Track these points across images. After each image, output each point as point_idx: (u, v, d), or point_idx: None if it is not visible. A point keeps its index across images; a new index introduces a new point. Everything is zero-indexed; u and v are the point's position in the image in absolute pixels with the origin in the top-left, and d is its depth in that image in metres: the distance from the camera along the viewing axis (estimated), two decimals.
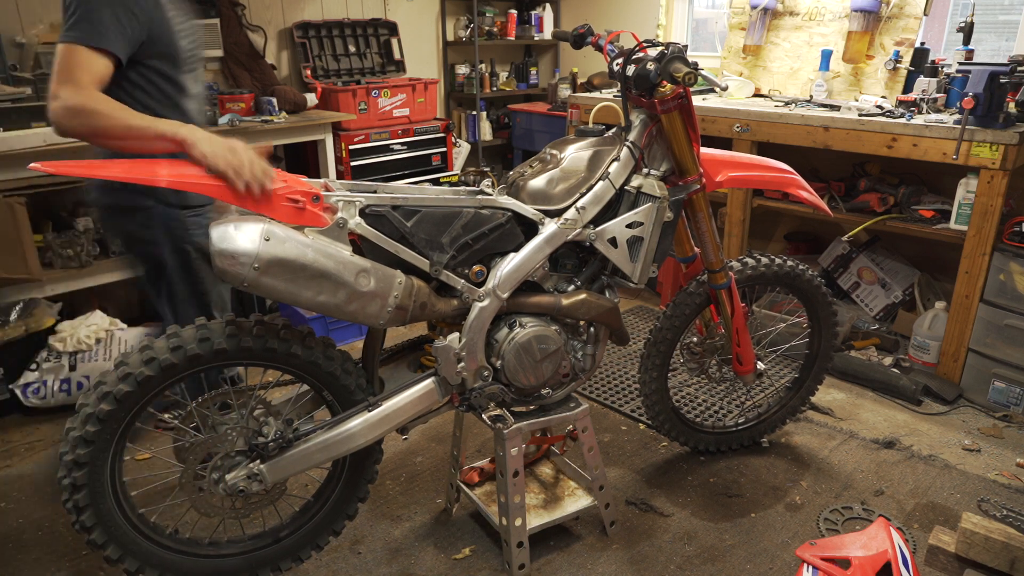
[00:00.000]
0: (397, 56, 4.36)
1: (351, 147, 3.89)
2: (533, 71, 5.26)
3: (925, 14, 3.17)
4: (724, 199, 3.50)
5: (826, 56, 3.35)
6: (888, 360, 3.13)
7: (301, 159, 4.00)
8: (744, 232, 3.48)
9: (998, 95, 2.61)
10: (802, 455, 2.55)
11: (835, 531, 2.17)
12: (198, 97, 1.97)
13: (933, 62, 3.04)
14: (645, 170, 1.97)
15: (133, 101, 1.77)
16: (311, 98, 3.77)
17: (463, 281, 1.78)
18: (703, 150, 2.08)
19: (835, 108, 3.11)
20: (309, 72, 4.00)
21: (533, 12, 5.01)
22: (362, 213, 1.66)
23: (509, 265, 1.81)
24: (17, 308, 2.82)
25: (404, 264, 1.71)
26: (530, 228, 1.86)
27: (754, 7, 3.63)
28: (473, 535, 2.16)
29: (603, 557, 2.07)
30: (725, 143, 3.34)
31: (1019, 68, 2.62)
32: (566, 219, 1.85)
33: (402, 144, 4.12)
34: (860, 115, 2.96)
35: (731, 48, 3.77)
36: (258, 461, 1.71)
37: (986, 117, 2.63)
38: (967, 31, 2.91)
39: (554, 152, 1.95)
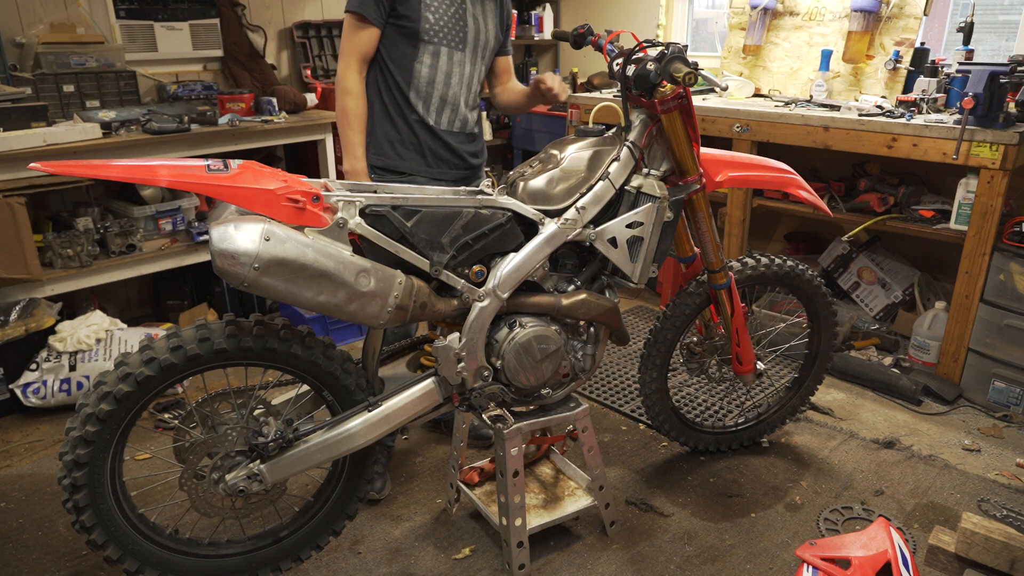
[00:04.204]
0: None
1: None
2: (533, 71, 5.26)
3: (925, 14, 3.17)
4: (724, 199, 3.50)
5: (826, 56, 3.35)
6: (888, 360, 3.12)
7: (301, 159, 3.99)
8: (744, 232, 3.48)
9: (998, 95, 2.61)
10: (802, 455, 2.55)
11: (835, 531, 2.17)
12: (456, 75, 2.21)
13: (933, 62, 3.04)
14: (645, 170, 1.97)
15: (375, 63, 2.18)
16: (311, 98, 3.77)
17: (463, 281, 1.78)
18: (703, 150, 2.08)
19: (835, 108, 3.11)
20: (309, 72, 4.00)
21: (533, 12, 5.01)
22: (362, 213, 1.66)
23: (509, 265, 1.81)
24: (17, 308, 2.82)
25: (404, 264, 1.71)
26: (530, 228, 1.86)
27: (754, 7, 3.63)
28: (473, 535, 2.16)
29: (603, 557, 2.07)
30: (725, 143, 3.34)
31: (1019, 68, 2.62)
32: (566, 219, 1.85)
33: None
34: (860, 115, 2.96)
35: (731, 48, 3.77)
36: (258, 461, 1.71)
37: (986, 117, 2.63)
38: (967, 31, 2.91)
39: (554, 152, 1.95)
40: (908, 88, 3.17)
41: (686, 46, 1.87)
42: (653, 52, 1.89)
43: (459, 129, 2.27)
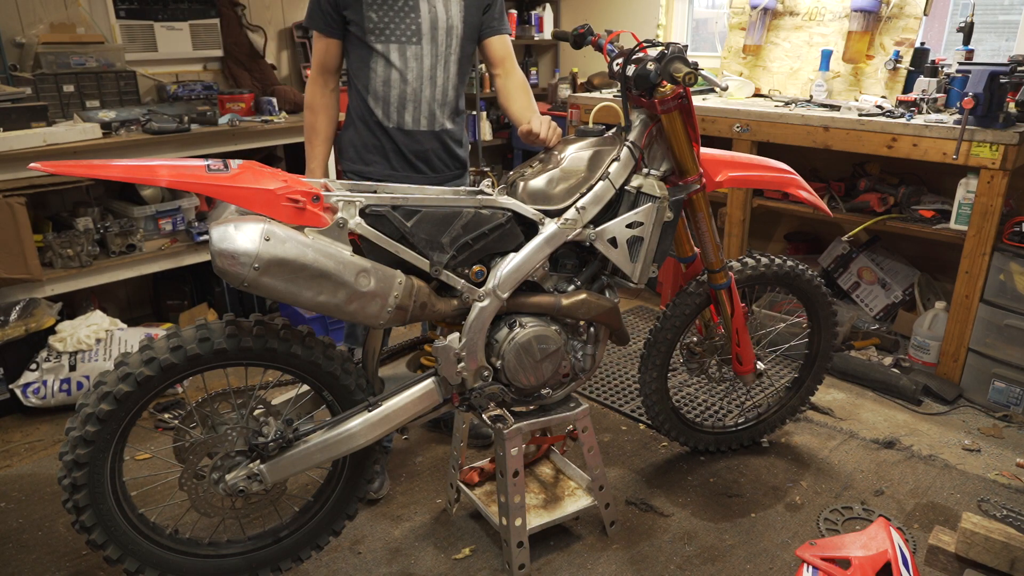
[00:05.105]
0: None
1: None
2: (533, 71, 5.26)
3: (925, 14, 3.17)
4: (724, 199, 3.50)
5: (826, 56, 3.35)
6: (888, 360, 3.12)
7: (301, 159, 3.98)
8: (744, 232, 3.48)
9: (998, 95, 2.61)
10: (802, 455, 2.55)
11: (835, 531, 2.17)
12: (412, 71, 2.11)
13: (933, 62, 3.04)
14: (645, 170, 1.97)
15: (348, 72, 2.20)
16: None
17: (463, 281, 1.78)
18: (703, 150, 2.08)
19: (835, 108, 3.11)
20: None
21: (533, 12, 5.01)
22: (362, 213, 1.66)
23: (509, 265, 1.81)
24: (17, 308, 2.82)
25: (404, 264, 1.71)
26: (530, 228, 1.86)
27: (754, 7, 3.63)
28: (473, 535, 2.16)
29: (603, 557, 2.07)
30: (725, 143, 3.34)
31: (1019, 68, 2.62)
32: (566, 219, 1.85)
33: None
34: (860, 115, 2.96)
35: (731, 48, 3.77)
36: (258, 461, 1.71)
37: (986, 117, 2.63)
38: (967, 31, 2.90)
39: (554, 152, 1.95)
40: (908, 88, 3.17)
41: (686, 46, 1.87)
42: (653, 52, 1.89)
43: (427, 127, 2.17)
